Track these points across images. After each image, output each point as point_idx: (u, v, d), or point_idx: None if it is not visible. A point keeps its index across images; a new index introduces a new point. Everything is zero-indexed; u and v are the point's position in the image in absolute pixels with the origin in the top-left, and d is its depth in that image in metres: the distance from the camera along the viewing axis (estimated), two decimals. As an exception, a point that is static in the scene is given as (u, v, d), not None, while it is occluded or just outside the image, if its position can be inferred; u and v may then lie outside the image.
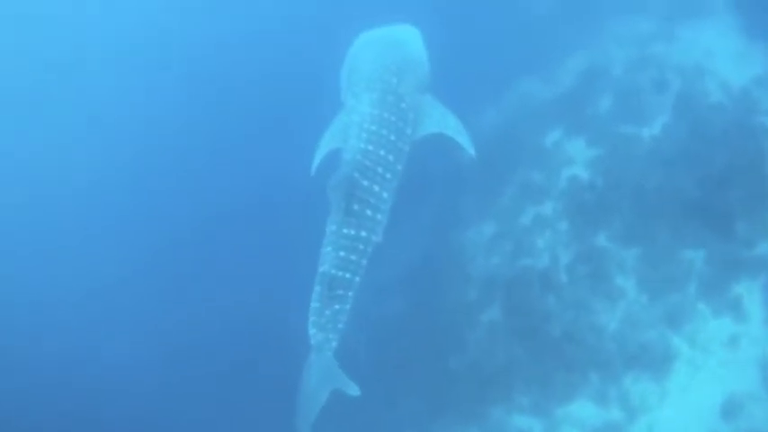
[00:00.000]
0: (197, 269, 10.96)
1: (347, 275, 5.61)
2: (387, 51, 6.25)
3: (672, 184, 8.12)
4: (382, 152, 5.75)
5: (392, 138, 5.82)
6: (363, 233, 5.62)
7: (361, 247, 5.63)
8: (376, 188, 5.70)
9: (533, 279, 8.41)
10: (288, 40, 11.65)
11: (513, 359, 8.17)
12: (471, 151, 6.06)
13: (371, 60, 6.20)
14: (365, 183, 5.61)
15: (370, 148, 5.71)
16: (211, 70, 12.31)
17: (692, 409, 7.32)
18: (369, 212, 5.65)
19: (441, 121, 6.18)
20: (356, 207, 5.56)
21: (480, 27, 10.32)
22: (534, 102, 9.90)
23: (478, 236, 9.23)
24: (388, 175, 5.80)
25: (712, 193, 7.87)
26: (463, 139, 6.08)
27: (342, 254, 5.59)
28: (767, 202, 7.77)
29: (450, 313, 8.79)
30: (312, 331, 5.62)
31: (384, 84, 5.98)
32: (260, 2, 12.51)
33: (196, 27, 12.84)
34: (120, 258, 11.19)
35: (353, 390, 5.57)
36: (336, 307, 5.59)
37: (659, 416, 7.43)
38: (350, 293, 5.65)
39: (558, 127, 9.36)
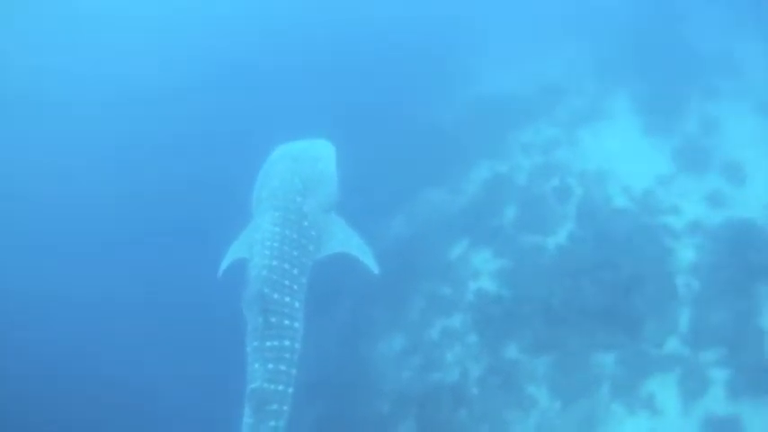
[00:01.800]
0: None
1: (280, 387, 5.58)
2: (295, 169, 6.52)
3: (579, 293, 8.13)
4: (287, 266, 5.92)
5: (295, 253, 6.02)
6: (287, 342, 5.68)
7: (288, 355, 5.67)
8: (287, 299, 5.85)
9: (445, 393, 8.13)
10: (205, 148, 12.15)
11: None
12: (375, 271, 6.19)
13: (279, 178, 6.46)
14: (276, 296, 5.75)
15: (275, 263, 5.87)
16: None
17: None
18: (286, 322, 5.74)
19: (344, 240, 6.38)
20: (273, 320, 5.66)
21: (388, 140, 10.76)
22: (441, 213, 10.08)
23: (388, 349, 9.06)
24: (296, 287, 5.95)
25: (620, 298, 7.90)
26: (367, 259, 6.24)
27: (270, 366, 5.60)
28: (674, 302, 7.81)
29: (364, 427, 8.51)
30: None
31: (288, 202, 6.24)
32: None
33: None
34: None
35: None
36: (272, 423, 5.48)
37: None
38: (284, 408, 5.57)
39: (465, 238, 9.47)
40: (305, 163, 6.63)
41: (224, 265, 6.30)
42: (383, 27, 12.28)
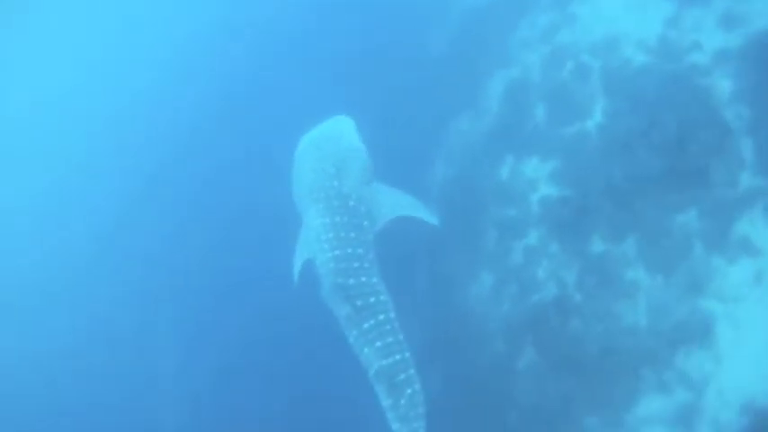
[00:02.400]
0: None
1: (397, 357, 5.76)
2: (322, 157, 6.62)
3: (637, 163, 8.09)
4: (349, 250, 6.07)
5: (352, 235, 6.16)
6: (381, 316, 5.86)
7: (388, 327, 5.85)
8: (363, 279, 5.99)
9: (550, 311, 8.29)
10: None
11: (565, 392, 7.98)
12: (434, 221, 6.37)
13: (311, 171, 6.58)
14: (351, 281, 5.93)
15: (337, 252, 6.04)
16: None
17: (751, 356, 7.11)
18: (372, 300, 5.90)
19: (396, 204, 6.51)
20: (359, 303, 5.84)
21: (396, 81, 10.85)
22: (475, 139, 10.02)
23: (481, 289, 9.18)
24: (366, 265, 6.10)
25: (678, 153, 7.84)
26: (423, 213, 6.42)
27: (378, 344, 5.78)
28: (731, 137, 7.71)
29: (488, 371, 8.69)
30: (396, 426, 5.67)
31: (327, 191, 6.36)
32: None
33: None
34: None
35: None
36: (408, 391, 5.70)
37: (723, 377, 7.20)
38: (411, 371, 5.77)
39: (508, 154, 9.43)
40: (329, 147, 6.72)
41: (296, 271, 6.46)
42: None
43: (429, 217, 6.35)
